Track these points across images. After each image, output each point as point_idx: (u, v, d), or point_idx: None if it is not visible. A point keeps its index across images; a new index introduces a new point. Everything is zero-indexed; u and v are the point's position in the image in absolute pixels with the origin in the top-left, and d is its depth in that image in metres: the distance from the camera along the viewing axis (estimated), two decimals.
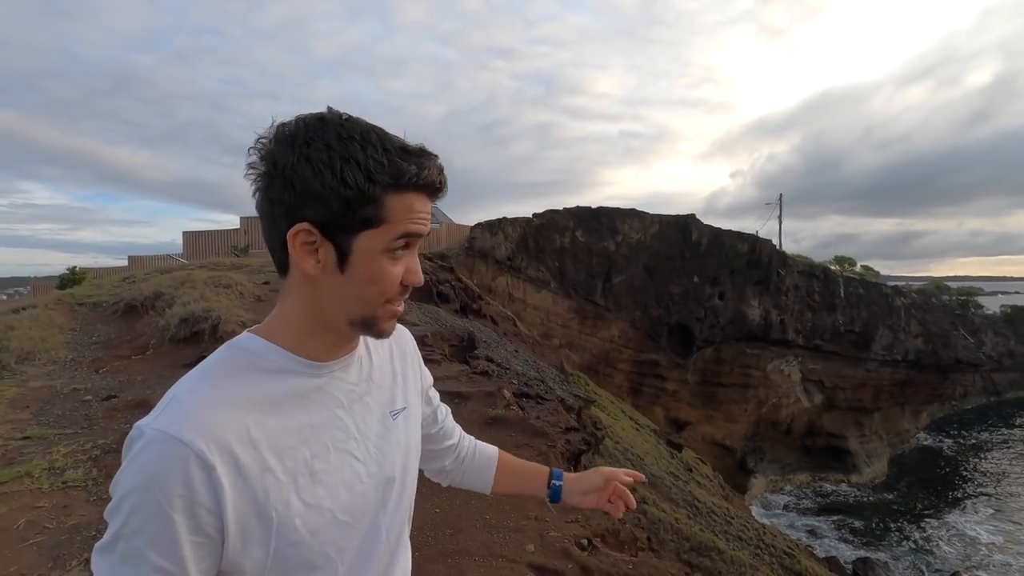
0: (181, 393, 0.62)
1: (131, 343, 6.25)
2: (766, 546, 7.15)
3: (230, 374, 0.65)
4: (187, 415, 0.59)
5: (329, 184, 0.62)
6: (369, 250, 0.65)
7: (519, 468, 1.10)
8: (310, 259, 0.65)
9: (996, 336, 32.50)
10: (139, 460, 0.57)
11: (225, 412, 0.61)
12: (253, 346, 0.68)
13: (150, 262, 15.53)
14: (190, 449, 0.57)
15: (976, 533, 17.54)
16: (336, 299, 0.67)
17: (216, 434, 0.59)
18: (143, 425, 0.59)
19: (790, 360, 22.87)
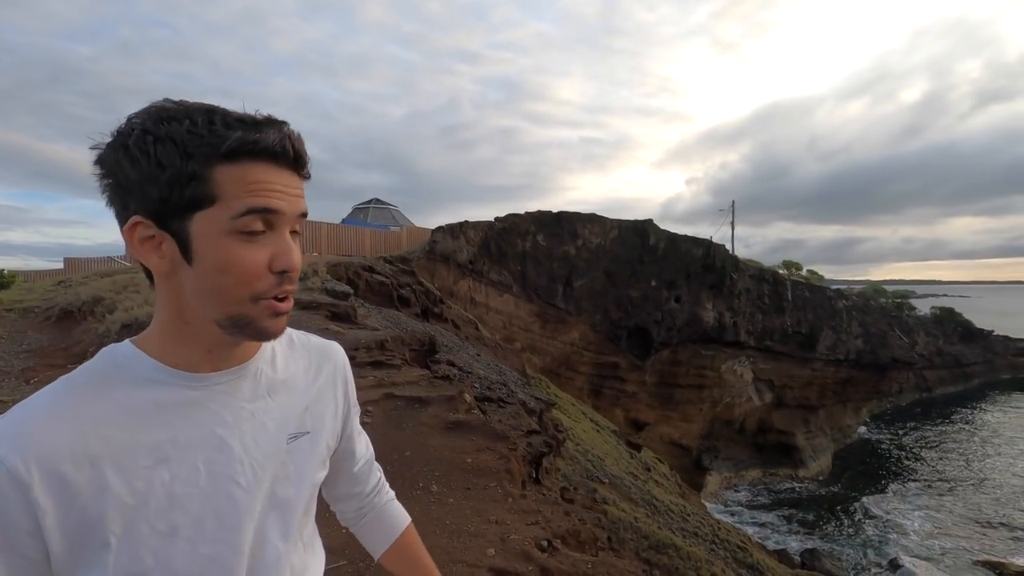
0: (23, 403, 0.58)
1: (66, 351, 5.87)
2: (721, 541, 7.39)
3: (88, 383, 0.60)
4: (10, 428, 0.55)
5: (145, 170, 0.57)
6: (208, 234, 0.59)
7: (415, 560, 0.95)
8: (153, 255, 0.60)
9: (927, 336, 34.86)
10: None
11: (62, 425, 0.56)
12: (120, 354, 0.63)
13: (89, 265, 14.64)
14: (3, 466, 0.53)
15: (911, 521, 18.70)
16: (193, 296, 0.61)
17: (39, 451, 0.55)
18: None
19: (742, 361, 23.78)
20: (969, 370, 37.21)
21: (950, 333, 37.17)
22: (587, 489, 6.22)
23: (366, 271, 11.21)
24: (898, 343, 29.65)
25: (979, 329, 39.37)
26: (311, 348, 0.81)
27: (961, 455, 25.08)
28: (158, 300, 0.64)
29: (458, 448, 3.59)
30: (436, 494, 3.01)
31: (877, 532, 18.02)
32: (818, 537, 17.65)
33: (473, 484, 3.16)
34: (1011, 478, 22.03)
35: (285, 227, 0.62)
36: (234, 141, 0.58)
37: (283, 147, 0.60)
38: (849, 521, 18.85)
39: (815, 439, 24.61)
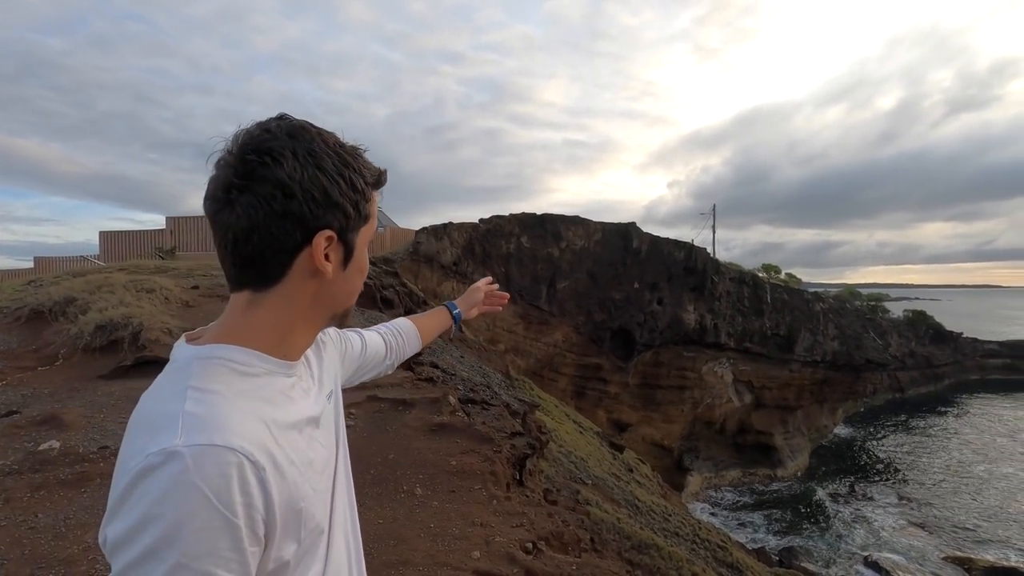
0: (190, 408, 0.59)
1: (37, 353, 5.69)
2: (701, 541, 7.48)
3: (223, 381, 0.63)
4: (220, 423, 0.58)
5: (344, 191, 0.68)
6: (362, 245, 0.74)
7: (431, 323, 1.30)
8: (329, 263, 0.69)
9: (900, 338, 35.82)
10: (189, 480, 0.54)
11: (246, 416, 0.61)
12: (231, 354, 0.66)
13: (60, 264, 14.23)
14: (242, 455, 0.57)
15: (885, 518, 19.17)
16: (336, 295, 0.73)
17: (254, 436, 0.60)
18: (172, 448, 0.55)
19: (723, 362, 24.12)
20: (940, 371, 38.35)
21: (922, 335, 38.26)
22: (570, 491, 6.24)
23: None
24: (872, 345, 30.39)
25: (949, 331, 40.61)
26: None
27: (933, 454, 25.80)
28: (283, 302, 0.69)
29: (442, 450, 3.58)
30: (420, 497, 3.00)
31: (852, 529, 18.44)
32: (795, 535, 17.98)
33: (458, 487, 3.15)
34: (980, 476, 22.74)
35: None
36: (384, 175, 0.75)
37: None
38: (825, 519, 19.25)
39: (793, 439, 25.08)
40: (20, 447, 3.64)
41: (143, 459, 0.55)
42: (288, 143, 0.65)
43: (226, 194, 0.64)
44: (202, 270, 9.53)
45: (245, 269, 0.67)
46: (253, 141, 0.64)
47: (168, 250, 13.09)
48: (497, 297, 1.40)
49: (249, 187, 0.63)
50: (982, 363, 42.08)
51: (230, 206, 0.64)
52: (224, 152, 0.66)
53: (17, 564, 2.40)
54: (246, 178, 0.63)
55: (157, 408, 0.61)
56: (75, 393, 4.77)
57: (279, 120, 0.67)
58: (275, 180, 0.63)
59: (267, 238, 0.65)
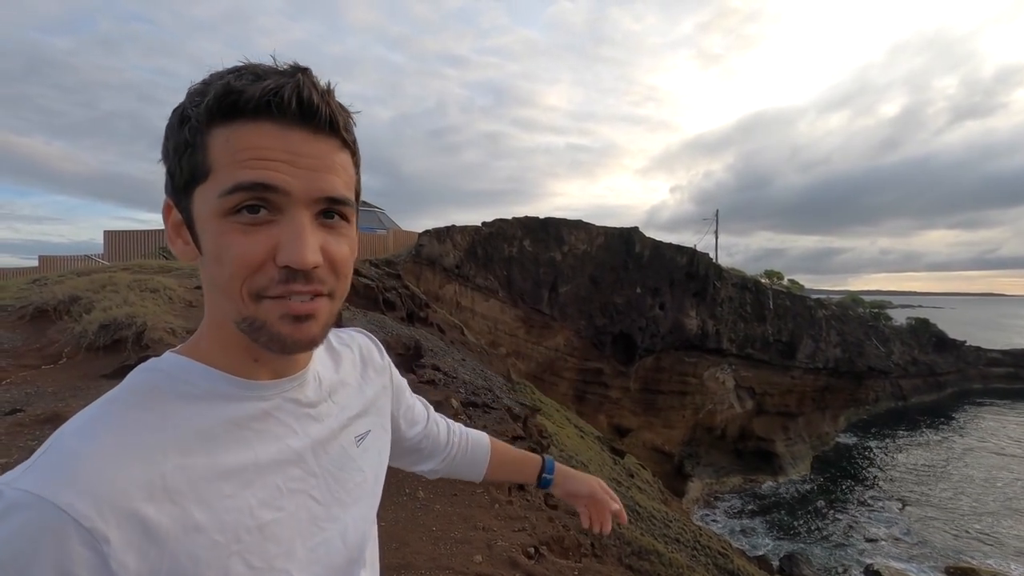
0: (69, 435, 0.46)
1: (40, 351, 5.71)
2: (702, 547, 7.45)
3: (141, 405, 0.50)
4: (70, 468, 0.43)
5: (169, 138, 0.50)
6: (205, 215, 0.49)
7: (511, 459, 0.99)
8: (178, 241, 0.53)
9: (903, 346, 35.69)
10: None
11: (130, 459, 0.45)
12: (171, 366, 0.53)
13: (65, 263, 14.27)
14: (69, 517, 0.41)
15: (887, 527, 19.07)
16: (208, 289, 0.53)
17: (112, 492, 0.43)
18: (5, 482, 0.42)
19: (724, 368, 24.07)
20: (942, 379, 38.18)
21: (924, 343, 38.12)
22: None
23: (353, 273, 11.12)
24: (875, 352, 30.29)
25: (952, 339, 40.44)
26: (351, 340, 0.75)
27: (934, 463, 25.67)
28: (206, 300, 0.55)
29: None
30: (423, 500, 3.00)
31: (854, 538, 18.34)
32: (796, 542, 17.89)
33: (459, 490, 3.15)
34: (983, 485, 22.62)
35: (297, 209, 0.49)
36: (236, 96, 0.46)
37: (283, 98, 0.46)
38: (826, 527, 19.15)
39: (794, 446, 24.98)
40: (24, 445, 3.65)
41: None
42: None
43: None
44: None
45: None
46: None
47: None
48: (601, 517, 0.96)
49: None
50: (985, 372, 41.89)
51: None
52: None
53: None
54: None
55: (60, 429, 0.48)
56: (78, 392, 4.79)
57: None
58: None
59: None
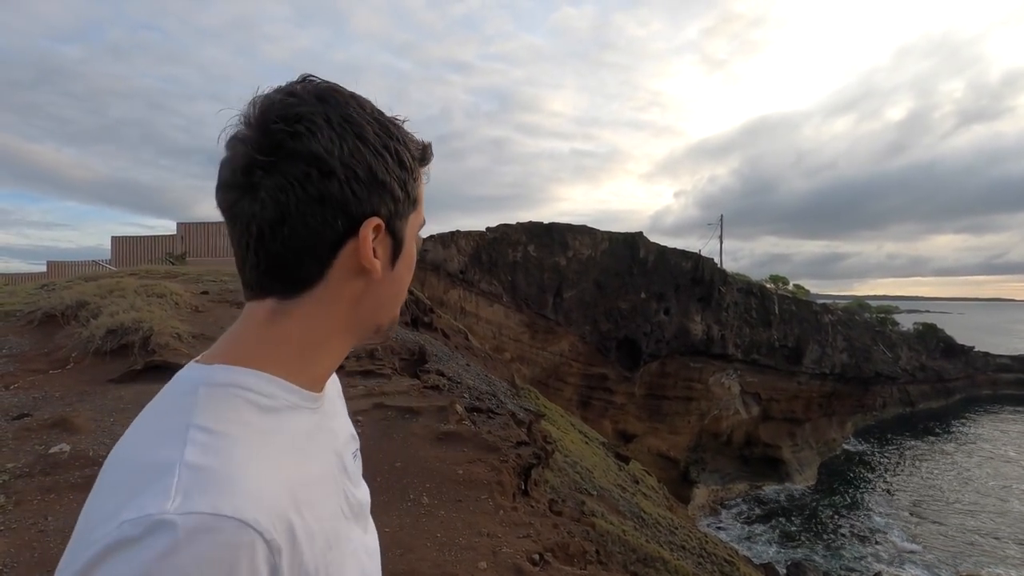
0: (192, 457, 0.43)
1: (48, 356, 5.75)
2: (708, 555, 7.39)
3: (239, 420, 0.48)
4: (233, 484, 0.42)
5: (391, 168, 0.53)
6: (411, 236, 0.58)
7: None
8: (378, 260, 0.54)
9: (910, 351, 35.41)
10: (177, 566, 0.38)
11: (269, 472, 0.46)
12: (247, 381, 0.51)
13: (73, 268, 14.41)
14: (256, 533, 0.41)
15: (894, 534, 18.85)
16: (383, 299, 0.57)
17: (274, 505, 0.44)
18: (160, 515, 0.39)
19: (730, 373, 23.95)
20: (951, 385, 37.84)
21: (932, 349, 37.81)
22: (575, 501, 6.20)
23: None
24: (882, 358, 30.07)
25: (960, 345, 40.12)
26: None
27: (944, 469, 25.39)
28: (316, 311, 0.54)
29: (449, 459, 3.58)
30: (427, 506, 3.00)
31: (861, 545, 18.14)
32: (803, 550, 17.72)
33: (464, 496, 3.14)
34: (993, 492, 22.35)
35: None
36: (429, 149, 0.57)
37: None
38: (834, 534, 18.96)
39: (801, 452, 24.79)
40: (31, 450, 3.67)
41: (114, 528, 0.39)
42: (319, 108, 0.50)
43: (247, 177, 0.49)
44: (212, 276, 9.62)
45: (272, 271, 0.52)
46: (276, 107, 0.50)
47: (179, 255, 13.23)
48: None
49: (276, 165, 0.49)
50: (994, 378, 41.50)
51: (252, 192, 0.49)
52: (240, 125, 0.51)
53: (27, 567, 2.42)
54: (272, 154, 0.49)
55: (144, 454, 0.45)
56: (85, 397, 4.82)
57: (304, 82, 0.53)
58: (309, 155, 0.49)
59: (302, 230, 0.50)
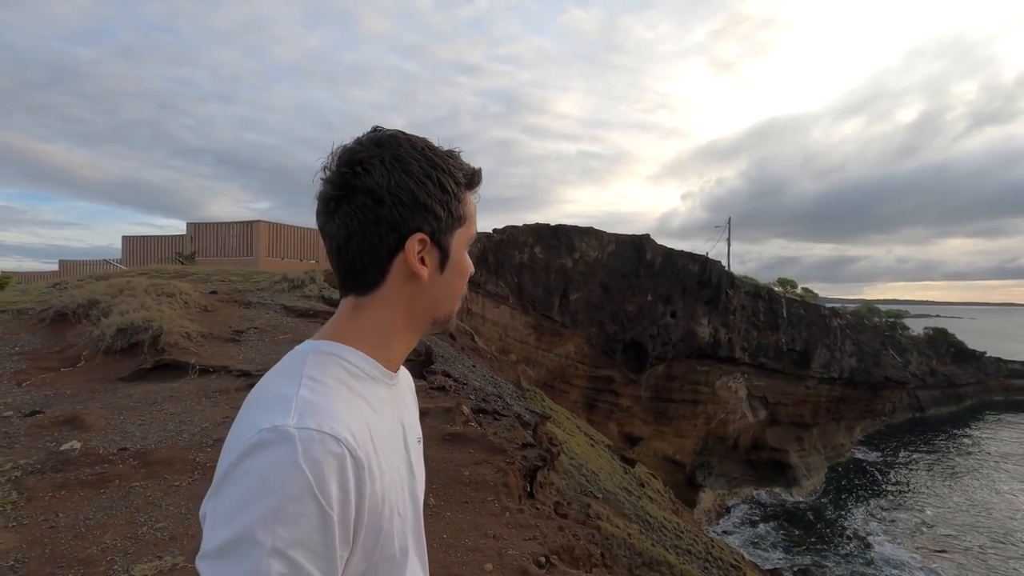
0: (304, 393, 0.60)
1: (60, 354, 5.82)
2: (714, 559, 7.34)
3: (332, 376, 0.64)
4: (330, 412, 0.58)
5: (432, 193, 0.68)
6: (459, 247, 0.73)
7: None
8: (422, 267, 0.69)
9: (920, 356, 35.02)
10: (295, 461, 0.53)
11: (354, 413, 0.62)
12: (337, 351, 0.68)
13: (84, 267, 14.57)
14: (346, 448, 0.56)
15: (903, 541, 18.63)
16: (435, 299, 0.72)
17: (359, 433, 0.59)
18: (282, 425, 0.55)
19: (737, 377, 23.78)
20: (962, 391, 37.35)
21: (943, 353, 37.36)
22: (581, 504, 6.18)
23: None
24: (891, 362, 29.75)
25: (971, 350, 39.59)
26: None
27: (955, 476, 25.07)
28: (383, 304, 0.70)
29: (455, 460, 3.58)
30: (433, 507, 3.00)
31: (869, 552, 17.94)
32: (811, 556, 17.54)
33: (471, 497, 3.14)
34: (1006, 500, 22.03)
35: None
36: (478, 175, 0.74)
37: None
38: (841, 540, 18.76)
39: (808, 457, 24.56)
40: (43, 447, 3.71)
41: (255, 433, 0.55)
42: (376, 152, 0.67)
43: (326, 206, 0.68)
44: (220, 275, 9.69)
45: (348, 275, 0.70)
46: (346, 154, 0.68)
47: (188, 255, 13.33)
48: None
49: (345, 198, 0.67)
50: (1006, 384, 40.89)
51: (331, 217, 0.68)
52: (324, 168, 0.70)
53: (38, 563, 2.45)
54: (341, 189, 0.67)
55: (273, 389, 0.62)
56: (96, 395, 4.87)
57: (371, 133, 0.71)
58: (365, 188, 0.66)
59: (364, 244, 0.67)
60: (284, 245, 14.10)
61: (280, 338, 6.35)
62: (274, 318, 7.11)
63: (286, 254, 14.05)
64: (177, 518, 2.87)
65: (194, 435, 3.84)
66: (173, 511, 2.94)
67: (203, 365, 5.26)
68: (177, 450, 3.58)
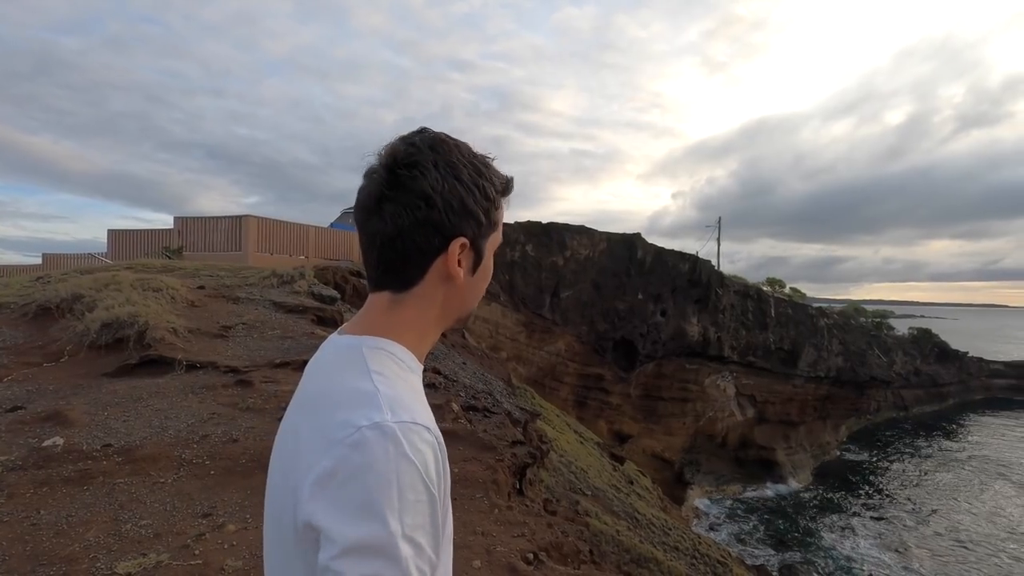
0: (383, 389, 0.63)
1: (43, 349, 5.72)
2: (701, 556, 7.41)
3: (392, 371, 0.68)
4: (410, 405, 0.62)
5: (478, 200, 0.71)
6: (490, 251, 0.77)
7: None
8: (459, 268, 0.72)
9: (905, 356, 35.57)
10: (404, 453, 0.57)
11: (421, 403, 0.66)
12: (389, 347, 0.71)
13: (68, 261, 14.33)
14: (435, 437, 0.61)
15: (888, 539, 18.93)
16: (464, 299, 0.76)
17: (432, 421, 0.63)
18: (381, 422, 0.58)
19: (725, 375, 24.00)
20: (944, 390, 38.01)
21: (927, 353, 37.97)
22: (570, 501, 6.21)
23: (353, 276, 11.13)
24: (877, 362, 30.19)
25: (954, 350, 40.29)
26: None
27: (937, 473, 25.52)
28: (422, 304, 0.73)
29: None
30: None
31: (854, 550, 18.21)
32: (796, 553, 17.77)
33: (460, 494, 3.14)
34: (987, 499, 22.46)
35: None
36: (511, 183, 0.77)
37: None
38: (827, 538, 19.03)
39: (795, 455, 24.86)
40: (24, 443, 3.65)
41: (355, 431, 0.57)
42: (430, 156, 0.69)
43: (376, 204, 0.70)
44: (208, 270, 9.58)
45: (388, 272, 0.72)
46: (400, 155, 0.69)
47: (175, 250, 13.16)
48: None
49: (396, 197, 0.68)
50: (987, 383, 41.70)
51: (379, 214, 0.69)
52: (374, 166, 0.71)
53: (19, 560, 2.41)
54: (394, 189, 0.68)
55: (350, 385, 0.64)
56: (79, 390, 4.79)
57: (421, 134, 0.73)
58: (419, 191, 0.68)
59: (410, 244, 0.69)
60: (274, 240, 13.97)
61: (268, 334, 6.29)
62: (263, 314, 7.04)
63: (276, 250, 13.92)
64: (162, 515, 2.83)
65: (180, 431, 3.80)
66: (158, 508, 2.91)
67: (190, 361, 5.20)
68: (162, 446, 3.53)
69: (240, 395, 4.49)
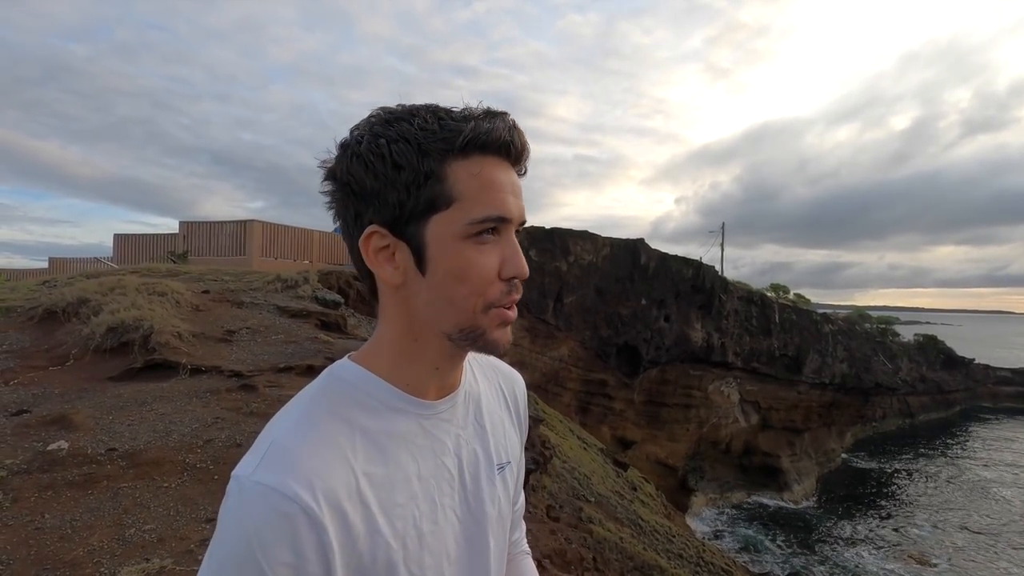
0: (281, 436, 0.52)
1: (49, 353, 5.75)
2: (705, 563, 7.36)
3: (332, 411, 0.55)
4: (292, 464, 0.49)
5: (382, 173, 0.53)
6: (443, 238, 0.54)
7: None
8: (387, 266, 0.56)
9: (911, 362, 35.32)
10: (237, 519, 0.48)
11: (333, 461, 0.51)
12: (351, 375, 0.58)
13: (74, 265, 14.42)
14: (298, 506, 0.47)
15: (893, 547, 18.74)
16: (425, 308, 0.57)
17: (326, 488, 0.49)
18: (241, 476, 0.49)
19: (729, 382, 23.89)
20: (951, 397, 37.71)
21: (933, 360, 37.70)
22: (573, 508, 6.18)
23: (357, 280, 11.17)
24: (882, 368, 29.99)
25: (961, 357, 39.99)
26: (497, 370, 0.78)
27: (943, 481, 25.28)
28: (384, 315, 0.60)
29: None
30: None
31: (858, 558, 18.04)
32: (801, 559, 17.62)
33: None
34: (995, 507, 22.23)
35: (511, 230, 0.58)
36: (469, 132, 0.53)
37: (512, 139, 0.56)
38: (832, 546, 18.85)
39: (800, 462, 24.68)
40: (29, 446, 3.67)
41: (232, 478, 0.51)
42: (352, 134, 0.57)
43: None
44: (213, 275, 9.63)
45: (364, 281, 0.61)
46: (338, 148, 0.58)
47: (180, 254, 13.23)
48: None
49: (328, 197, 0.58)
50: (994, 390, 41.35)
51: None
52: None
53: (23, 564, 2.42)
54: (325, 190, 0.59)
55: (271, 426, 0.55)
56: (85, 394, 4.82)
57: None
58: (331, 182, 0.57)
59: (349, 247, 0.59)
60: (278, 245, 14.03)
61: (272, 339, 6.31)
62: (267, 318, 7.07)
63: (280, 254, 13.98)
64: (166, 520, 2.84)
65: (184, 436, 3.81)
66: (162, 512, 2.91)
67: (194, 365, 5.22)
68: (167, 451, 3.54)
69: (244, 399, 4.50)
